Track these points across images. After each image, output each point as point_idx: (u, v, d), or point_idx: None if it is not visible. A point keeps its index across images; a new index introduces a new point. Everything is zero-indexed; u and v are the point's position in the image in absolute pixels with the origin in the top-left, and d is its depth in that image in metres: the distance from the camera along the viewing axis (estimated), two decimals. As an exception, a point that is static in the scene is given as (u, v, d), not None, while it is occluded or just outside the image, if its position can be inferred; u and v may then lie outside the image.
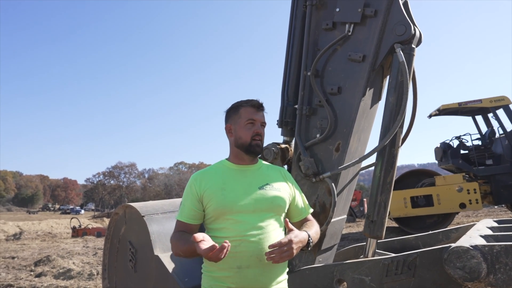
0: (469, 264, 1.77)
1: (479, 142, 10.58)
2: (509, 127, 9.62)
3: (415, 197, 9.78)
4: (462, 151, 10.42)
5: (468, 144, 10.53)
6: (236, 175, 1.71)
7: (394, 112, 2.24)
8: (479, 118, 10.88)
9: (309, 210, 1.85)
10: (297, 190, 1.83)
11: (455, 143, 10.82)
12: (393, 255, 2.11)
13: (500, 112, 9.73)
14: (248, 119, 1.71)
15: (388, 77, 2.41)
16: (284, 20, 2.83)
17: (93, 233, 19.24)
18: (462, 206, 9.27)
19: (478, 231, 2.30)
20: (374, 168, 2.33)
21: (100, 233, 18.83)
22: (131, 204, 2.66)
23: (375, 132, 2.46)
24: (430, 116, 11.08)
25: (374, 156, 2.33)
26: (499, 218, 3.32)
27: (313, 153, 2.44)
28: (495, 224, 2.69)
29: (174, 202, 2.81)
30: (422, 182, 10.02)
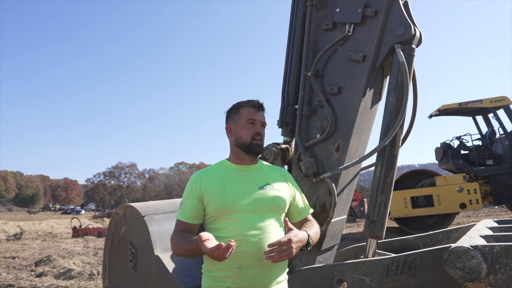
0: (469, 264, 1.77)
1: (479, 142, 10.57)
2: (509, 127, 9.63)
3: (416, 197, 9.78)
4: (462, 151, 10.42)
5: (469, 144, 10.52)
6: (236, 175, 1.71)
7: (394, 113, 2.24)
8: (479, 118, 10.87)
9: (309, 210, 1.85)
10: (297, 190, 1.83)
11: (455, 143, 10.83)
12: (393, 255, 2.11)
13: (501, 112, 9.73)
14: (249, 119, 1.72)
15: (388, 78, 2.41)
16: (284, 20, 2.84)
17: (93, 233, 19.24)
18: (463, 206, 9.26)
19: (478, 231, 2.30)
20: (374, 168, 2.33)
21: (100, 233, 18.84)
22: (131, 204, 2.66)
23: (375, 133, 2.47)
24: (430, 116, 11.07)
25: (374, 156, 2.33)
26: (500, 218, 3.32)
27: (313, 153, 2.44)
28: (495, 224, 2.69)
29: (174, 202, 2.81)
30: (423, 182, 10.01)
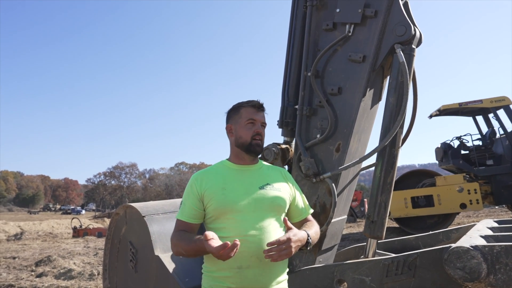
0: (469, 265, 1.77)
1: (479, 143, 10.56)
2: (509, 127, 9.63)
3: (416, 197, 9.77)
4: (462, 152, 10.41)
5: (469, 144, 10.52)
6: (236, 175, 1.71)
7: (394, 113, 2.24)
8: (479, 118, 10.87)
9: (309, 210, 1.86)
10: (297, 190, 1.83)
11: (455, 143, 10.82)
12: (394, 255, 2.11)
13: (501, 113, 9.73)
14: (249, 119, 1.72)
15: (388, 78, 2.41)
16: (284, 20, 2.84)
17: (94, 233, 19.24)
18: (463, 206, 9.26)
19: (478, 232, 2.30)
20: (374, 168, 2.33)
21: (101, 233, 18.85)
22: (131, 204, 2.66)
23: (376, 133, 2.47)
24: (430, 116, 11.07)
25: (374, 157, 2.33)
26: (500, 218, 3.32)
27: (314, 153, 2.45)
28: (495, 225, 2.68)
29: (174, 202, 2.81)
30: (423, 182, 10.01)
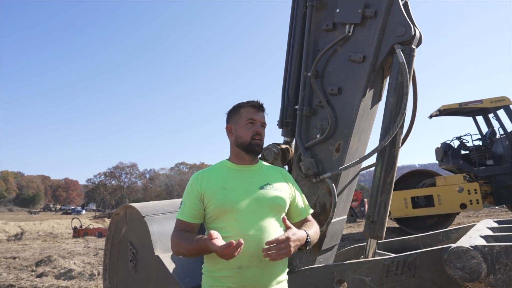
0: (469, 265, 1.77)
1: (479, 143, 10.56)
2: (509, 127, 9.63)
3: (416, 197, 9.77)
4: (462, 152, 10.41)
5: (469, 144, 10.52)
6: (236, 174, 1.71)
7: (394, 113, 2.24)
8: (479, 118, 10.87)
9: (309, 210, 1.86)
10: (297, 190, 1.83)
11: (455, 143, 10.82)
12: (394, 255, 2.11)
13: (501, 113, 9.73)
14: (248, 118, 1.73)
15: (388, 78, 2.41)
16: (284, 21, 2.84)
17: (94, 233, 19.24)
18: (463, 206, 9.26)
19: (478, 232, 2.30)
20: (374, 168, 2.33)
21: (101, 233, 18.84)
22: (132, 204, 2.66)
23: (376, 133, 2.47)
24: (430, 116, 11.07)
25: (374, 157, 2.33)
26: (500, 218, 3.32)
27: (314, 153, 2.45)
28: (495, 225, 2.68)
29: (175, 203, 2.81)
30: (423, 182, 10.01)
